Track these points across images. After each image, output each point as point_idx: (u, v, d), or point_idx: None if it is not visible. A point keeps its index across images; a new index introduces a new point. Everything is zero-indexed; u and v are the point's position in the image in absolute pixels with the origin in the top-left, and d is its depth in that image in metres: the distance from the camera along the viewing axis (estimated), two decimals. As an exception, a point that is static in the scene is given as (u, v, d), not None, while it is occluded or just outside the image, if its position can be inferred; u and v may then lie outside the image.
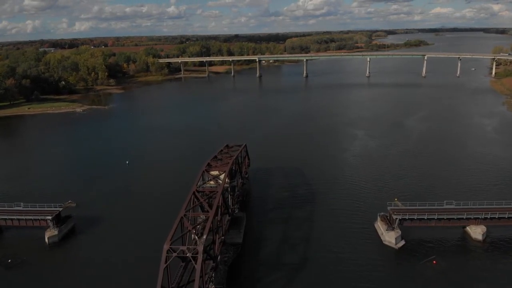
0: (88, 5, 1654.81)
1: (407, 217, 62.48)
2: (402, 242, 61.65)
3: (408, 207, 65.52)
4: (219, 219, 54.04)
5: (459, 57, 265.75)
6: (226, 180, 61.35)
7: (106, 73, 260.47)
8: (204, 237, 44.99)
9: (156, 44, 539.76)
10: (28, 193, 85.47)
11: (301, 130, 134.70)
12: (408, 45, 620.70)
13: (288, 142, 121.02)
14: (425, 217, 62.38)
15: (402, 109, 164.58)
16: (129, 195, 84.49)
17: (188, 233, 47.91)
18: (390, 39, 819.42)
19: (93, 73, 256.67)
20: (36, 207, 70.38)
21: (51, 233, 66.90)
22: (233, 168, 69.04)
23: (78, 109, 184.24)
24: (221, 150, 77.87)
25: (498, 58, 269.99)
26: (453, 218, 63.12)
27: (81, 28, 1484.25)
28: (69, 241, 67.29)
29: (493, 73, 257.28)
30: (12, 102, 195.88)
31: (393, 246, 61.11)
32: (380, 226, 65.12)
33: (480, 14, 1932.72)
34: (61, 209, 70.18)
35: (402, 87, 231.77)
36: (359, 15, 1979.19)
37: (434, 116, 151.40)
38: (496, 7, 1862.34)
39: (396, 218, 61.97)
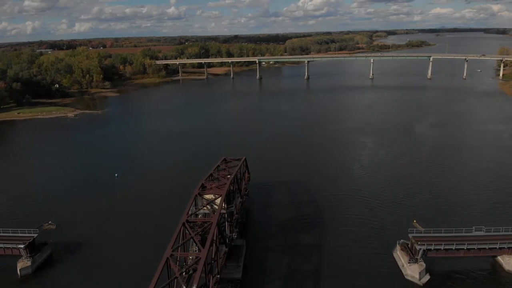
0: (88, 6, 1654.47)
1: (432, 247, 53.98)
2: (427, 277, 53.13)
3: (432, 235, 56.90)
4: (213, 254, 45.75)
5: (465, 59, 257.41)
6: (223, 205, 52.98)
7: (101, 75, 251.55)
8: (194, 287, 36.59)
9: (155, 45, 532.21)
10: (3, 212, 77.29)
11: (305, 137, 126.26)
12: (410, 45, 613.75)
13: (291, 150, 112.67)
14: (453, 247, 53.93)
15: (411, 114, 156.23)
16: (116, 215, 75.84)
17: (175, 279, 39.38)
18: (390, 40, 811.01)
19: (87, 75, 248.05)
20: (9, 232, 62.01)
21: (23, 264, 58.49)
22: (232, 188, 60.56)
23: (70, 114, 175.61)
24: (218, 166, 69.21)
25: (505, 60, 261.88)
26: (484, 248, 54.75)
27: (81, 29, 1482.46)
28: (44, 273, 58.70)
29: (501, 74, 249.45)
30: (2, 107, 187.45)
31: (417, 281, 52.58)
32: (400, 256, 56.57)
33: (479, 15, 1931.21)
34: (35, 235, 61.60)
35: (408, 89, 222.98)
36: (359, 15, 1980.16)
37: (445, 121, 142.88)
38: (495, 7, 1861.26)
39: (420, 249, 53.56)
